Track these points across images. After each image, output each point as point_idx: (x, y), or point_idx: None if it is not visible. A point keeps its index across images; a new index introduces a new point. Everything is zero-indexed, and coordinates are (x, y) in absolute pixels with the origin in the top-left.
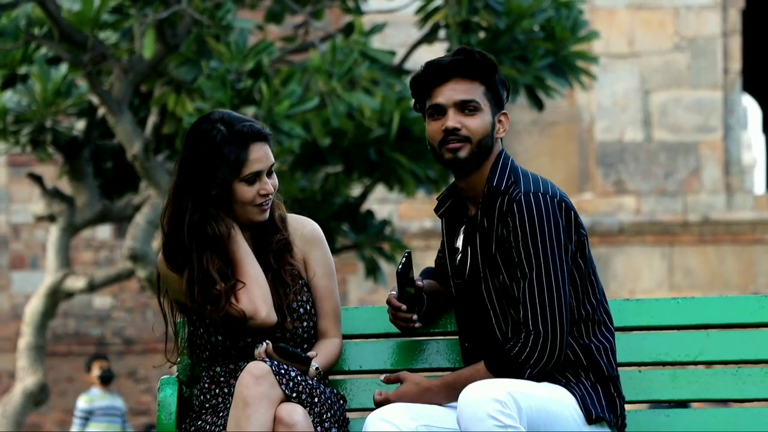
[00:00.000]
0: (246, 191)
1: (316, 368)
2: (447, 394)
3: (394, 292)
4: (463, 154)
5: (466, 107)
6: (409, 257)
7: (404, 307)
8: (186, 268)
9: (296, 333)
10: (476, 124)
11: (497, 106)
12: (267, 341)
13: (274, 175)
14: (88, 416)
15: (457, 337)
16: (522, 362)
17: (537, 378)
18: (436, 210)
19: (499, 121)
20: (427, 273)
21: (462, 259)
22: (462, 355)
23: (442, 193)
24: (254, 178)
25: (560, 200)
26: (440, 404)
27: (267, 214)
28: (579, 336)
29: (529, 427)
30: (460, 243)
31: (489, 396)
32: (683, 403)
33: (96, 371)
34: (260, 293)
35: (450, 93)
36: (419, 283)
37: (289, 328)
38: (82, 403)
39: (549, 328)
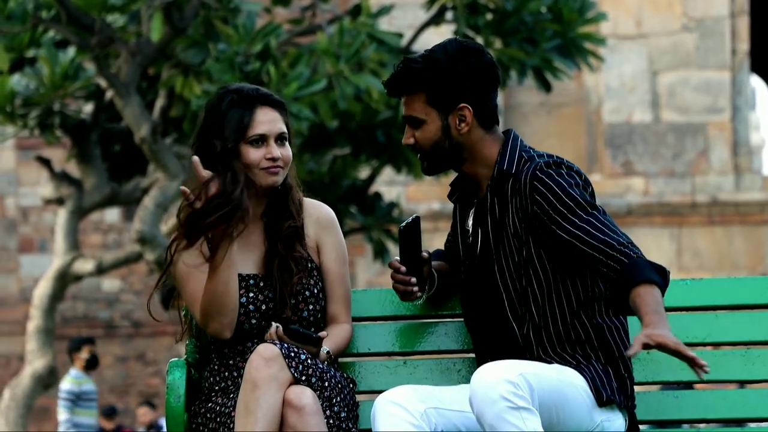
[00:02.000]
0: (252, 153)
1: (327, 352)
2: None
3: (397, 258)
4: (425, 164)
5: (411, 122)
6: (416, 221)
7: (403, 268)
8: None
9: (301, 315)
10: (421, 136)
11: (450, 104)
12: (277, 324)
13: (288, 148)
14: (76, 399)
15: (462, 319)
16: (655, 266)
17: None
18: (450, 196)
19: (460, 116)
20: (437, 255)
21: (473, 240)
22: (472, 337)
23: (454, 179)
24: (260, 140)
25: (578, 170)
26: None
27: (278, 179)
28: (592, 315)
29: (541, 409)
30: (470, 224)
31: (501, 377)
32: (689, 385)
33: (84, 354)
34: (210, 308)
35: (403, 108)
36: (425, 254)
37: (288, 315)
38: (70, 385)
39: (632, 249)
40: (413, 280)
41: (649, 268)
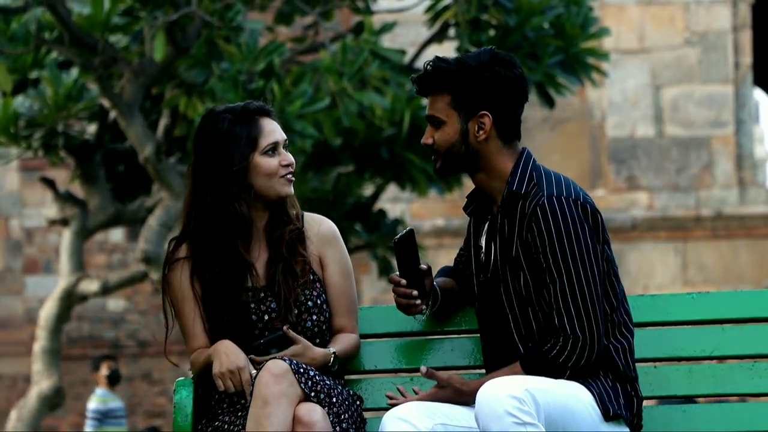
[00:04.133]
0: (269, 162)
1: (333, 353)
2: None
3: (396, 272)
4: (437, 165)
5: (433, 121)
6: (410, 234)
7: (403, 281)
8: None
9: (305, 326)
10: (439, 137)
11: (472, 109)
12: (250, 356)
13: (289, 153)
14: (102, 418)
15: (471, 335)
16: (562, 363)
17: (571, 377)
18: (465, 208)
19: (480, 123)
20: (444, 272)
21: (486, 257)
22: (483, 352)
23: (470, 192)
24: (273, 149)
25: (584, 203)
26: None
27: (292, 188)
28: None
29: (547, 424)
30: (483, 241)
31: (507, 393)
32: (691, 399)
33: (104, 371)
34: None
35: (427, 107)
36: (423, 266)
37: (292, 321)
38: (95, 404)
39: (586, 332)
40: (414, 292)
41: (541, 364)
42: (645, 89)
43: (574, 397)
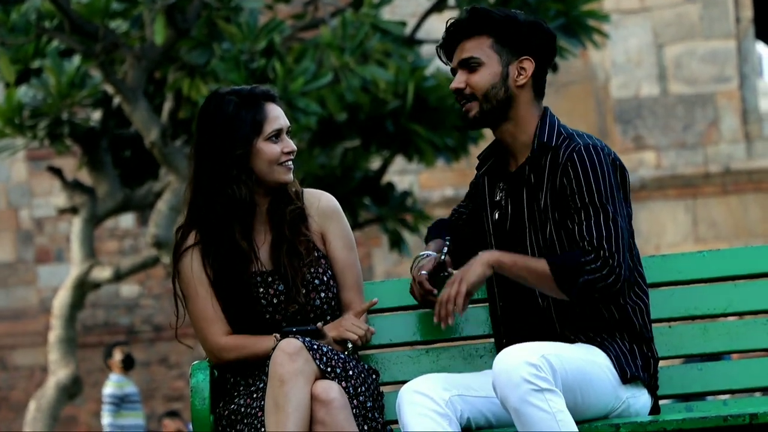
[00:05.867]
0: (272, 149)
1: (351, 346)
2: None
3: (425, 272)
4: (473, 113)
5: (468, 65)
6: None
7: (435, 291)
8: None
9: (314, 304)
10: (476, 78)
11: (514, 53)
12: (275, 335)
13: (291, 141)
14: (120, 402)
15: (483, 304)
16: (591, 281)
17: (585, 295)
18: (478, 168)
19: (520, 68)
20: (439, 226)
21: (502, 214)
22: (491, 317)
23: (483, 152)
24: (277, 135)
25: (614, 159)
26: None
27: (291, 175)
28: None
29: (565, 389)
30: (501, 198)
31: (523, 360)
32: (717, 356)
33: (118, 356)
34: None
35: (457, 54)
36: (451, 269)
37: (301, 301)
38: (112, 389)
39: (617, 258)
40: (436, 291)
41: (571, 274)
42: (648, 48)
43: (590, 361)
